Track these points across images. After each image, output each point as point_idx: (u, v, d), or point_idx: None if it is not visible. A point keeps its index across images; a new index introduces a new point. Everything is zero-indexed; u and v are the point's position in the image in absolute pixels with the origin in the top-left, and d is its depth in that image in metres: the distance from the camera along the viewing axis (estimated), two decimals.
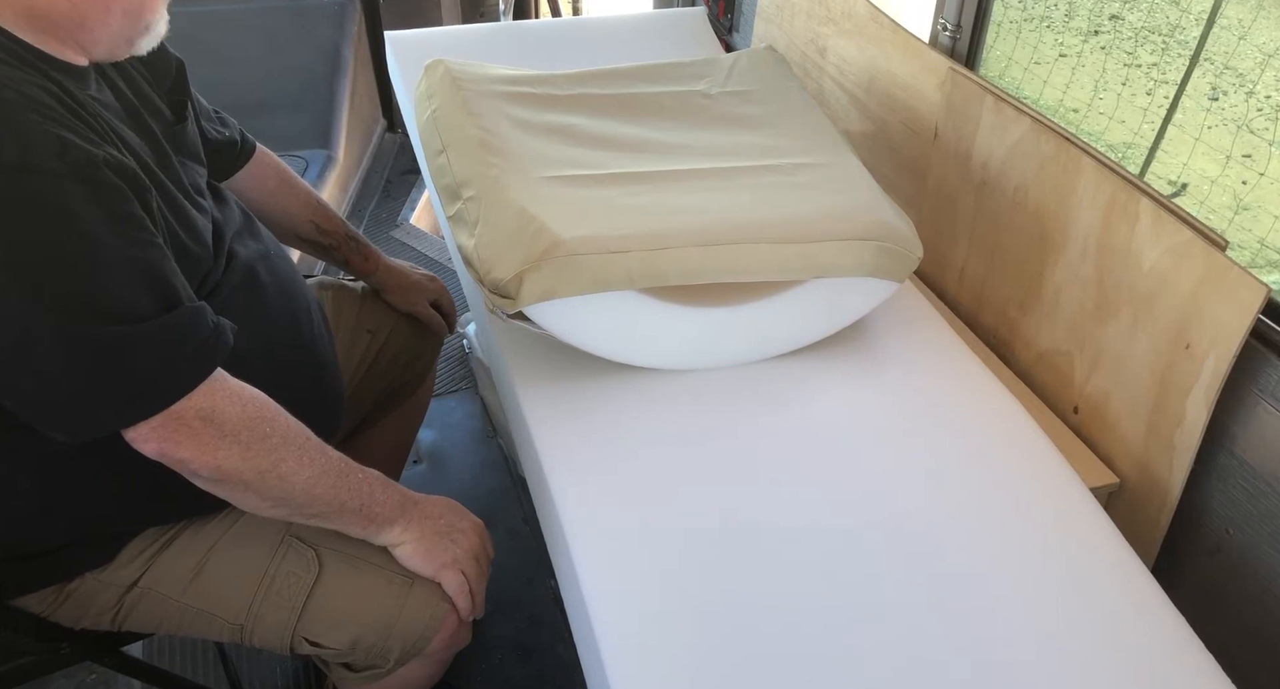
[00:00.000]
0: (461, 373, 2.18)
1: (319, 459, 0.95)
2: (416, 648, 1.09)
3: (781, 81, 1.43)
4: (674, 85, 1.40)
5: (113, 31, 0.89)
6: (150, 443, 0.86)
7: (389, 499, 1.01)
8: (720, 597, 0.92)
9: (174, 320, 0.85)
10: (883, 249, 1.13)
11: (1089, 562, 0.98)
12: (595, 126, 1.30)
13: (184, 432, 0.86)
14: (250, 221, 1.12)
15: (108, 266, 0.81)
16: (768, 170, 1.23)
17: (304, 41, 2.73)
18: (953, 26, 1.47)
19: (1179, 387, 1.10)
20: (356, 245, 1.36)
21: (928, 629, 0.91)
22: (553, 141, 1.25)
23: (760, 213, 1.14)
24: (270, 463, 0.91)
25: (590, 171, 1.19)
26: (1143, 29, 4.87)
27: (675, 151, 1.26)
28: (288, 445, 0.92)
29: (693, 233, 1.08)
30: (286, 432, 0.93)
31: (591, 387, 1.15)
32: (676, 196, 1.16)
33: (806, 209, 1.16)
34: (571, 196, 1.13)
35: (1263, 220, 3.46)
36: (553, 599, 1.63)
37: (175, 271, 0.87)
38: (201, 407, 0.87)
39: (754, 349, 1.19)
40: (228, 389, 0.89)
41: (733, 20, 2.12)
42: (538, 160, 1.19)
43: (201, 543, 1.04)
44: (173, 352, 0.85)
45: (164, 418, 0.85)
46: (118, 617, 1.04)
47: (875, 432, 1.12)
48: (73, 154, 0.80)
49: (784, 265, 1.11)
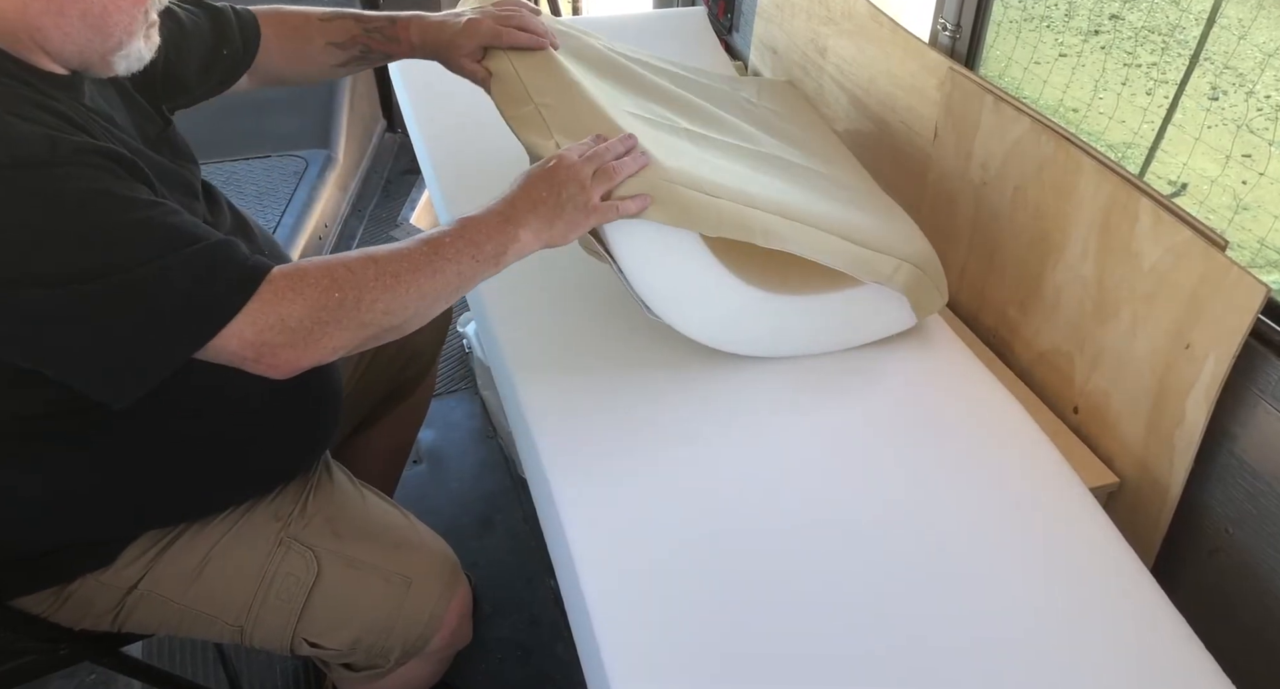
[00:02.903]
0: (461, 373, 2.18)
1: (405, 271, 0.89)
2: (416, 647, 1.09)
3: (808, 113, 1.48)
4: (717, 83, 1.42)
5: (75, 39, 0.85)
6: (259, 367, 0.85)
7: (490, 233, 0.94)
8: (720, 596, 0.92)
9: (201, 250, 0.82)
10: (926, 279, 1.17)
11: (1089, 562, 0.98)
12: (660, 89, 1.27)
13: (270, 348, 0.84)
14: (244, 222, 1.11)
15: (121, 227, 0.80)
16: (821, 176, 1.26)
17: None
18: (953, 26, 1.47)
19: (1179, 387, 1.10)
20: (380, 30, 1.23)
21: (928, 629, 0.91)
22: (630, 89, 1.21)
23: (833, 209, 1.16)
24: (369, 315, 0.87)
25: (672, 122, 1.17)
26: (1143, 29, 4.88)
27: (740, 133, 1.26)
28: (369, 288, 0.87)
29: (779, 204, 1.09)
30: (360, 281, 0.87)
31: (592, 387, 1.15)
32: (755, 170, 1.17)
33: (870, 221, 1.18)
34: (657, 137, 1.11)
35: (1263, 220, 3.46)
36: (553, 599, 1.63)
37: (192, 221, 0.84)
38: (268, 321, 0.83)
39: (774, 343, 1.18)
40: (280, 294, 0.85)
41: (733, 20, 2.12)
42: (619, 97, 1.16)
43: (201, 545, 1.04)
44: (208, 276, 0.82)
45: (242, 345, 0.83)
46: (118, 618, 1.05)
47: (875, 432, 1.12)
48: (63, 146, 0.79)
49: (853, 262, 1.12)
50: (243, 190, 2.53)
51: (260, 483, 1.08)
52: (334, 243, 2.58)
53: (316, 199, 2.53)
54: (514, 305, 1.28)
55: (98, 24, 0.85)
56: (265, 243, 1.13)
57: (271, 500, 1.08)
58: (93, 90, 0.93)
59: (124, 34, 0.87)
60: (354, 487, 1.16)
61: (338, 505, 1.11)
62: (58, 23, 0.84)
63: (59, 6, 0.83)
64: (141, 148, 0.94)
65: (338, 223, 2.64)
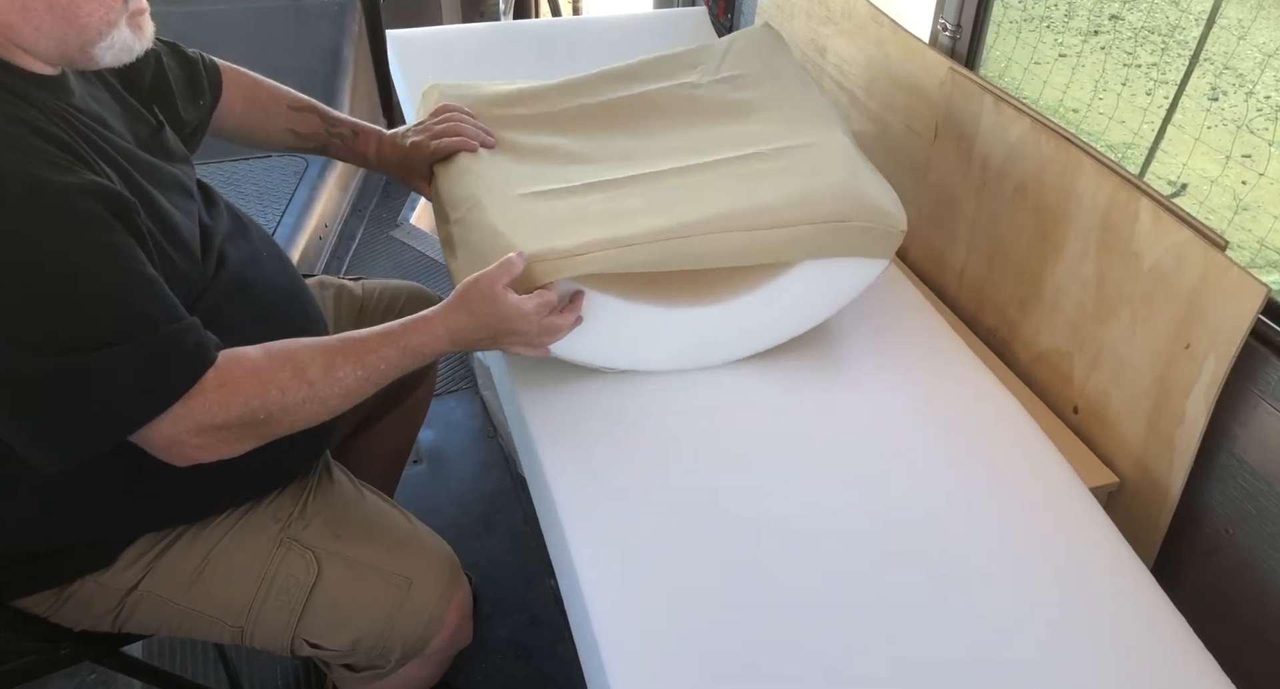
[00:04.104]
0: (461, 373, 2.18)
1: (334, 397, 0.92)
2: (416, 648, 1.09)
3: (776, 60, 1.42)
4: (666, 80, 1.41)
5: (49, 34, 0.84)
6: (163, 455, 0.88)
7: (432, 351, 0.98)
8: (720, 596, 0.92)
9: (150, 343, 0.83)
10: (856, 229, 1.12)
11: (1089, 561, 0.98)
12: (580, 144, 1.31)
13: (179, 447, 0.87)
14: (241, 223, 1.11)
15: (83, 299, 0.80)
16: (751, 158, 1.23)
17: (304, 41, 2.73)
18: (953, 26, 1.47)
19: (1179, 387, 1.10)
20: (341, 138, 1.29)
21: (927, 629, 0.91)
22: (539, 162, 1.27)
23: (729, 204, 1.14)
24: (279, 431, 0.91)
25: (568, 184, 1.20)
26: (1142, 29, 4.88)
27: (659, 154, 1.27)
28: (291, 411, 0.90)
29: (657, 231, 1.08)
30: (287, 404, 0.90)
31: (592, 387, 1.15)
32: (650, 197, 1.16)
33: (775, 196, 1.15)
34: (545, 210, 1.14)
35: (1262, 220, 3.46)
36: (553, 599, 1.63)
37: (156, 294, 0.84)
38: (188, 425, 0.85)
39: (745, 344, 1.18)
40: (209, 401, 0.86)
41: (733, 20, 2.12)
42: (520, 180, 1.20)
43: (201, 546, 1.04)
44: (150, 370, 0.83)
45: (156, 435, 0.85)
46: (118, 618, 1.05)
47: (875, 432, 1.12)
48: (44, 190, 0.78)
49: (745, 252, 1.11)
50: (243, 190, 2.53)
51: (260, 484, 1.08)
52: (334, 243, 2.58)
53: (317, 199, 2.53)
54: None
55: (67, 15, 0.84)
56: (264, 243, 1.13)
57: (271, 501, 1.08)
58: (83, 91, 0.93)
59: (101, 24, 0.86)
60: (354, 487, 1.16)
61: (338, 506, 1.11)
62: (25, 18, 0.83)
63: (23, 2, 0.82)
64: (134, 150, 0.93)
65: (338, 223, 2.64)
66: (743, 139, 1.28)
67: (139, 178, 0.90)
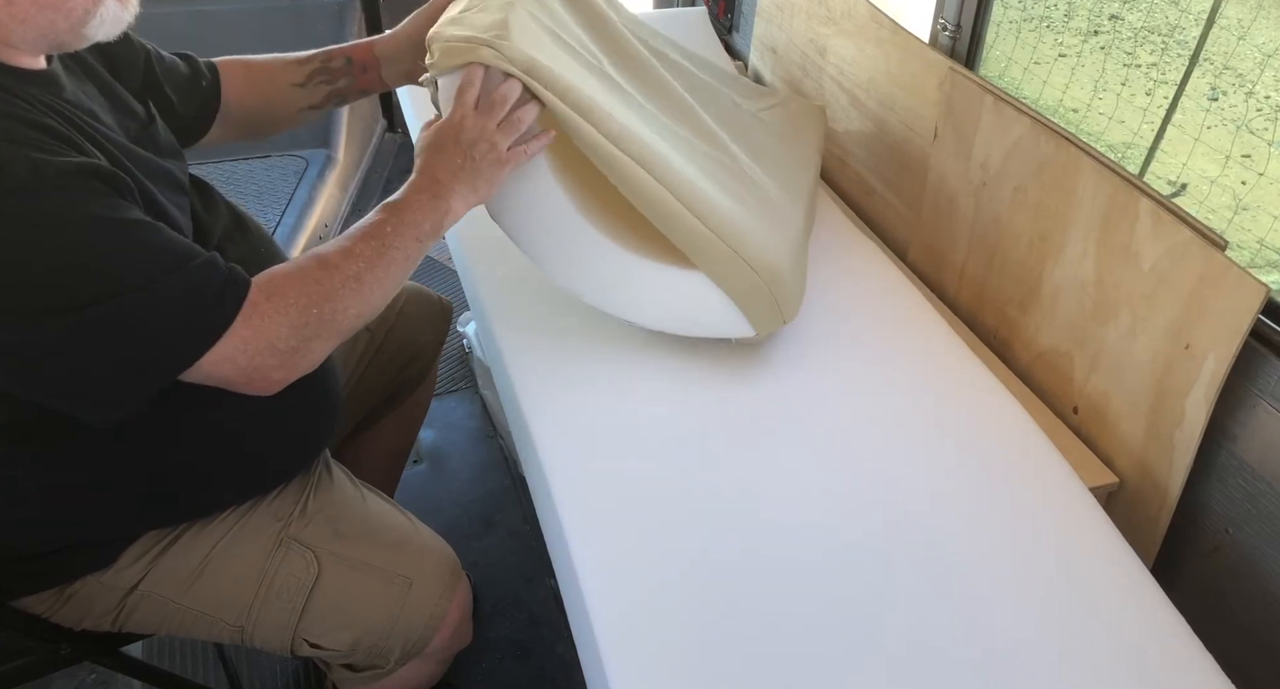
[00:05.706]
0: (461, 373, 2.18)
1: (364, 271, 0.93)
2: (417, 648, 1.09)
3: (809, 134, 1.49)
4: (718, 81, 1.44)
5: (35, 24, 0.83)
6: (250, 388, 0.89)
7: (425, 212, 0.98)
8: (720, 596, 0.93)
9: (183, 277, 0.83)
10: (759, 289, 1.12)
11: (1088, 561, 0.98)
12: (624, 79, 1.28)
13: (261, 371, 0.88)
14: (241, 222, 1.11)
15: (101, 253, 0.80)
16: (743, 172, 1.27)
17: (304, 41, 2.72)
18: (952, 26, 1.47)
19: (1178, 387, 1.10)
20: (351, 78, 1.28)
21: (927, 629, 0.91)
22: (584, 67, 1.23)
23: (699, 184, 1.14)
24: (345, 322, 0.92)
25: (597, 64, 1.18)
26: (1142, 29, 4.88)
27: (685, 116, 1.28)
28: (340, 297, 0.91)
29: (644, 154, 1.08)
30: (330, 291, 0.91)
31: (592, 387, 1.15)
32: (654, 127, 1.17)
33: (735, 217, 1.15)
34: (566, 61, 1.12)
35: (1262, 220, 3.47)
36: (553, 599, 1.63)
37: (172, 237, 0.85)
38: (259, 346, 0.87)
39: (625, 306, 1.17)
40: (266, 316, 0.87)
41: (733, 20, 2.12)
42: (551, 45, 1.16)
43: (201, 546, 1.04)
44: (191, 304, 0.84)
45: (235, 370, 0.86)
46: (118, 618, 1.05)
47: (875, 431, 1.12)
48: (43, 170, 0.78)
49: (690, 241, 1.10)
50: (243, 190, 2.53)
51: (260, 483, 1.08)
52: None
53: (317, 199, 2.53)
54: (514, 305, 1.28)
55: (53, 2, 0.83)
56: (262, 242, 1.13)
57: (271, 501, 1.09)
58: (73, 85, 0.93)
59: (87, 3, 0.85)
60: (354, 487, 1.16)
61: (338, 506, 1.11)
62: (10, 11, 0.82)
63: None
64: (125, 143, 0.93)
65: (338, 223, 2.64)
66: (748, 156, 1.31)
67: (132, 168, 0.90)
